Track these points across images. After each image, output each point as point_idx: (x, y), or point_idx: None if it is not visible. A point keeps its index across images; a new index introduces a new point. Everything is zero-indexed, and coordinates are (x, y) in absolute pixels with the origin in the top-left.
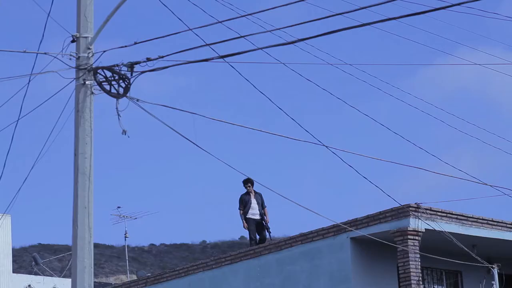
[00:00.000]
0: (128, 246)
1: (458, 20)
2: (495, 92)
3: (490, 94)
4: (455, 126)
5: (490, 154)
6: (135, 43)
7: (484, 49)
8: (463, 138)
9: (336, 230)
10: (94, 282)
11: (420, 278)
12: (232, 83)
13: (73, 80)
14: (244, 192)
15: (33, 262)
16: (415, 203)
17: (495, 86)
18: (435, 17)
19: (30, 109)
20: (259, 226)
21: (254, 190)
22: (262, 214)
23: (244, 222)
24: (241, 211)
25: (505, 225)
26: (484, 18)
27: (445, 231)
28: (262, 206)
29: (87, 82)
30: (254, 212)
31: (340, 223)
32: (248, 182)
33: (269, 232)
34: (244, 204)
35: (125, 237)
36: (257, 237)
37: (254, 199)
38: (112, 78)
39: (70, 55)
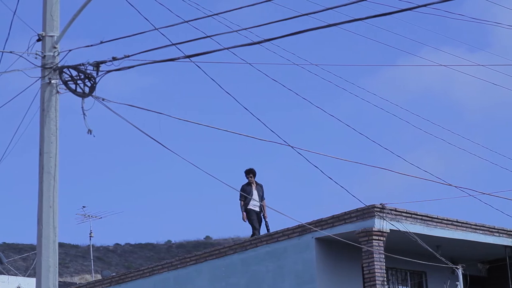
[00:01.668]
0: (93, 245)
1: (421, 21)
2: (458, 93)
3: (452, 94)
4: (417, 127)
5: (453, 155)
6: (101, 42)
7: (447, 50)
8: (426, 139)
9: (301, 230)
10: (59, 281)
11: (385, 278)
12: (198, 83)
13: (38, 79)
14: (245, 183)
15: None
16: (380, 204)
17: (458, 87)
18: (399, 18)
19: None
20: (258, 218)
21: (255, 181)
22: (261, 207)
23: (244, 214)
24: (242, 202)
25: (469, 226)
26: (447, 18)
27: (409, 232)
28: (261, 198)
29: (52, 81)
30: (255, 204)
31: (305, 223)
32: (250, 172)
33: (268, 229)
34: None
35: (90, 236)
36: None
37: (255, 191)
38: (78, 77)
39: (36, 54)
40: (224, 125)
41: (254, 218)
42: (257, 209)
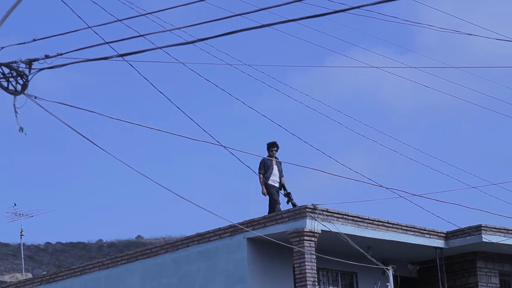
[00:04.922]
0: (23, 244)
1: (351, 21)
2: (387, 94)
3: (382, 95)
4: (347, 127)
5: (383, 157)
6: (34, 40)
7: (376, 51)
8: (355, 139)
9: (233, 230)
10: None
11: (316, 278)
12: (131, 81)
13: None
14: (266, 156)
15: None
16: (312, 204)
17: (387, 88)
18: (329, 18)
19: None
20: (278, 194)
21: (276, 157)
22: (282, 184)
23: (263, 187)
24: (262, 175)
25: (400, 227)
26: (375, 19)
27: (341, 233)
28: (281, 174)
29: None
30: (275, 179)
31: (237, 223)
32: (274, 145)
33: (294, 204)
34: (266, 168)
35: (21, 235)
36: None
37: (276, 166)
38: (10, 75)
39: None
40: (157, 125)
41: (274, 192)
42: (277, 185)
